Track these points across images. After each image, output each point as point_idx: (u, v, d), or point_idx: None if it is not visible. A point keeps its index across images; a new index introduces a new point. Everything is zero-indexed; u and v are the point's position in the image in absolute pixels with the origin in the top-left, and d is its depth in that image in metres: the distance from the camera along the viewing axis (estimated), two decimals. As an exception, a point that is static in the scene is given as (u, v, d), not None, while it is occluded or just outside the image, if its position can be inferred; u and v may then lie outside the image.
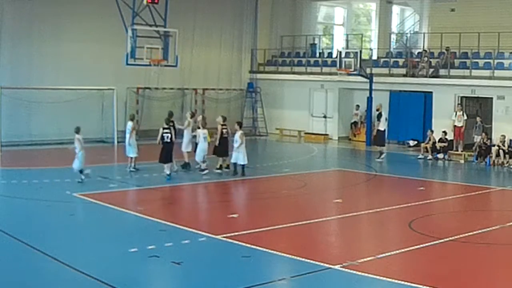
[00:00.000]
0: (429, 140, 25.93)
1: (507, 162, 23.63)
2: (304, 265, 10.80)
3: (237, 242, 12.15)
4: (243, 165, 19.86)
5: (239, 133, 19.87)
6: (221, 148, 20.26)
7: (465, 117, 26.68)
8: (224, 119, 20.71)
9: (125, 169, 20.32)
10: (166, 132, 18.93)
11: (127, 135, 20.35)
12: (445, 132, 25.97)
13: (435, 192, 19.67)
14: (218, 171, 20.22)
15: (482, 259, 11.70)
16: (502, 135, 24.21)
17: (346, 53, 30.30)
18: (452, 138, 26.40)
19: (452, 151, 25.95)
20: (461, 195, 18.61)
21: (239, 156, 19.72)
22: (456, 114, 26.60)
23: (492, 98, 26.92)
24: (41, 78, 26.85)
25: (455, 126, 26.43)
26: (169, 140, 18.91)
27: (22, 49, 27.15)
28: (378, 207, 15.89)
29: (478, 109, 28.90)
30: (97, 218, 14.52)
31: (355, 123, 32.48)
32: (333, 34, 38.73)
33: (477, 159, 24.84)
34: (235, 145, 19.70)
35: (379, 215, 15.29)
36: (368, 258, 11.22)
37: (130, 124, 20.48)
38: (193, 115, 21.69)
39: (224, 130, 20.30)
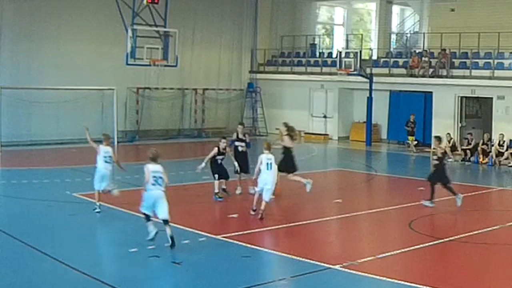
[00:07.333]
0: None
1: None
2: (304, 265, 10.79)
3: (237, 242, 12.15)
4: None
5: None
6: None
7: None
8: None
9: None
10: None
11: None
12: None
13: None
14: None
15: (482, 259, 11.69)
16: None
17: (346, 53, 30.32)
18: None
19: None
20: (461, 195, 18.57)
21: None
22: None
23: (492, 98, 26.92)
24: (41, 78, 26.87)
25: None
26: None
27: (22, 49, 27.18)
28: (378, 207, 15.90)
29: (478, 109, 28.90)
30: (97, 218, 14.51)
31: None
32: (333, 34, 38.76)
33: (478, 159, 24.94)
34: None
35: (379, 215, 15.30)
36: (368, 258, 11.22)
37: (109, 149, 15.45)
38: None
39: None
